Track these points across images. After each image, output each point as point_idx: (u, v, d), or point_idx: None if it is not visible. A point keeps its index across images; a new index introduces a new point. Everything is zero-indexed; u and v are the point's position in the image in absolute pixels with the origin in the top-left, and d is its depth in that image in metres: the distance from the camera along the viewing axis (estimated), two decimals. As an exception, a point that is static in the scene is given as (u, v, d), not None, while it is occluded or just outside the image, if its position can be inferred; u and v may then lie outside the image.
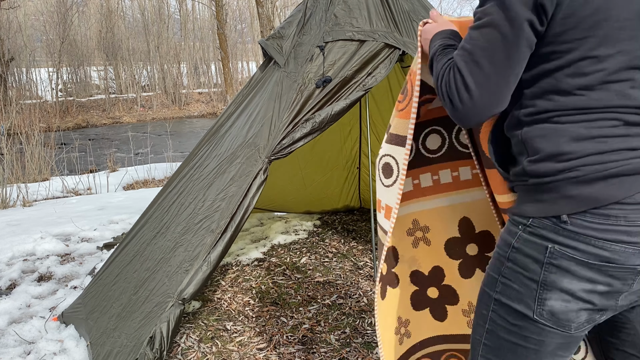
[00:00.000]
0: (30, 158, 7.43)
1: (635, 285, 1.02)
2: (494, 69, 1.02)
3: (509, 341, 1.11)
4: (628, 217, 0.97)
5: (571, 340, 1.08)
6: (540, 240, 1.04)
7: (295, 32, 2.70)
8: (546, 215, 1.03)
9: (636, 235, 0.97)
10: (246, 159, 2.42)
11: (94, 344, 2.35)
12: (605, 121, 0.99)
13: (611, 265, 0.99)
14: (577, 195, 1.00)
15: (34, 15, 19.90)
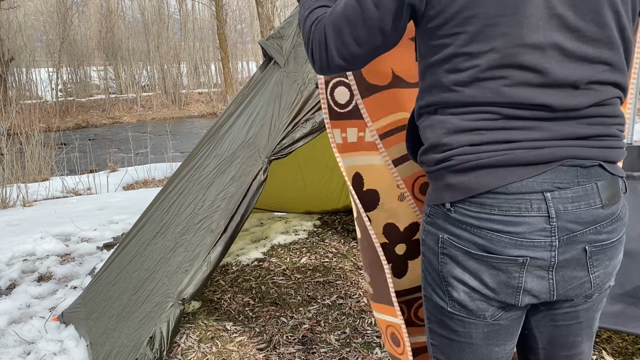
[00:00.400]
0: (30, 158, 7.43)
1: (530, 282, 1.00)
2: (357, 42, 1.06)
3: (444, 336, 1.12)
4: (502, 207, 0.98)
5: (498, 328, 1.07)
6: (435, 230, 1.06)
7: (295, 32, 2.70)
8: (435, 202, 1.06)
9: (511, 225, 0.97)
10: (246, 159, 2.42)
11: (93, 344, 2.35)
12: (483, 114, 0.99)
13: (491, 256, 0.99)
14: (454, 183, 1.01)
15: (33, 15, 19.90)
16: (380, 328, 1.57)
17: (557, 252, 0.99)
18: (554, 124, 0.98)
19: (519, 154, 0.97)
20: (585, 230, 1.00)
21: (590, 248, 1.01)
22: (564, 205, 0.98)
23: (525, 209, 0.97)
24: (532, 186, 0.97)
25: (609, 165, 1.02)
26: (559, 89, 0.97)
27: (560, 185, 0.98)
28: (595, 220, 1.00)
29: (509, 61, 0.96)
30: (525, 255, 0.98)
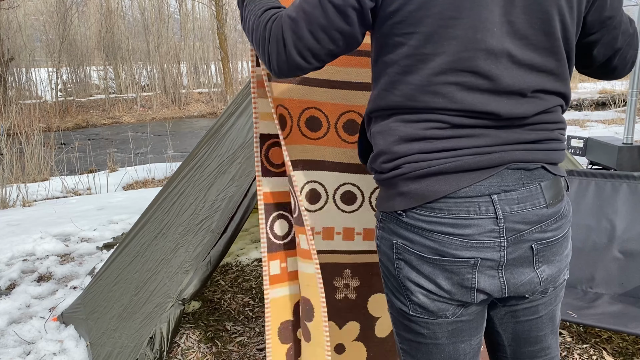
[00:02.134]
0: (30, 158, 7.43)
1: (482, 281, 1.03)
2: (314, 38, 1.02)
3: (411, 340, 1.13)
4: (451, 210, 0.99)
5: (462, 325, 1.09)
6: (388, 235, 1.07)
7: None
8: (388, 210, 1.06)
9: (462, 227, 0.99)
10: (246, 159, 2.42)
11: (94, 345, 2.34)
12: (432, 122, 1.00)
13: (444, 259, 1.01)
14: (407, 191, 1.02)
15: (33, 15, 19.89)
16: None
17: (506, 252, 1.01)
18: (500, 131, 1.00)
19: (467, 160, 0.99)
20: (532, 229, 1.02)
21: (536, 246, 1.04)
22: (510, 206, 1.00)
23: (474, 212, 0.99)
24: (479, 190, 0.99)
25: (551, 166, 1.05)
26: (507, 97, 0.99)
27: (506, 187, 1.00)
28: (540, 219, 1.03)
29: (462, 65, 0.96)
30: (476, 257, 1.01)
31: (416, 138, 1.01)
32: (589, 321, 1.91)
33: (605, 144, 4.12)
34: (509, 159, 1.00)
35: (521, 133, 1.02)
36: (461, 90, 0.97)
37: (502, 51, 0.96)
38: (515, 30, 0.97)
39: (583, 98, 15.67)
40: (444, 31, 0.95)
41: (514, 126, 1.01)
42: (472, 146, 1.00)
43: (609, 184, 2.31)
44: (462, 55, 0.96)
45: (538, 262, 1.06)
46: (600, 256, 2.21)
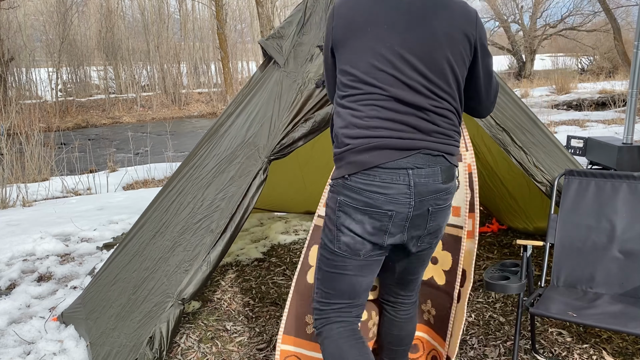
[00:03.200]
0: (30, 158, 7.42)
1: (391, 228, 1.53)
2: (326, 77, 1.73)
3: (327, 271, 1.64)
4: (381, 177, 1.49)
5: (366, 264, 1.61)
6: (335, 195, 1.57)
7: (295, 32, 2.70)
8: (338, 176, 1.55)
9: (386, 189, 1.49)
10: (246, 159, 2.42)
11: (93, 344, 2.34)
12: (369, 107, 1.50)
13: (372, 210, 1.51)
14: (353, 161, 1.51)
15: (33, 15, 19.88)
16: None
17: (413, 209, 1.52)
18: (416, 130, 1.51)
19: (395, 142, 1.49)
20: (430, 197, 1.54)
21: (432, 209, 1.56)
22: (419, 178, 1.51)
23: (396, 179, 1.49)
24: (400, 164, 1.49)
25: (449, 156, 1.56)
26: (414, 113, 1.51)
27: (418, 165, 1.51)
28: (437, 190, 1.54)
29: (379, 93, 1.51)
30: (393, 210, 1.51)
31: (361, 127, 1.51)
32: (589, 321, 1.91)
33: (605, 144, 4.12)
34: (421, 147, 1.51)
35: (430, 132, 1.52)
36: (381, 106, 1.56)
37: (409, 78, 1.53)
38: (414, 68, 1.51)
39: (583, 98, 15.66)
40: (355, 57, 1.56)
41: (423, 130, 1.53)
42: (398, 136, 1.50)
43: (609, 184, 2.30)
44: (378, 83, 1.54)
45: (430, 220, 1.58)
46: (600, 256, 2.21)
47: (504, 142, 2.49)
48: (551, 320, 2.53)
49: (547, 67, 25.30)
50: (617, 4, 20.86)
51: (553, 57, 26.13)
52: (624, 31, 20.44)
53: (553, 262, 2.30)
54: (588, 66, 24.28)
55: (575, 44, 24.25)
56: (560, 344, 2.35)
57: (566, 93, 17.08)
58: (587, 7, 24.02)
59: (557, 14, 63.98)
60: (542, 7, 24.88)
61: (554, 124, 10.71)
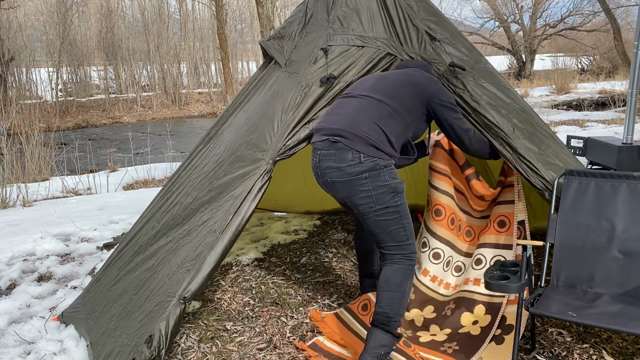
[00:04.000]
0: (30, 158, 7.43)
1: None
2: None
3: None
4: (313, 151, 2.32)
5: None
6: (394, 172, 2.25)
7: (296, 33, 2.70)
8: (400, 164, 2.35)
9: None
10: (248, 160, 2.42)
11: (94, 344, 2.34)
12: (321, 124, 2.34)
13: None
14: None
15: (34, 15, 19.88)
16: None
17: (320, 178, 2.24)
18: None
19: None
20: (326, 171, 2.20)
21: (330, 180, 2.20)
22: (322, 157, 2.20)
23: (313, 156, 2.25)
24: (317, 144, 2.24)
25: (346, 140, 2.16)
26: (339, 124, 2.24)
27: (322, 147, 2.21)
28: (329, 167, 2.18)
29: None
30: (315, 176, 2.29)
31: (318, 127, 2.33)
32: (589, 321, 1.91)
33: (605, 144, 4.12)
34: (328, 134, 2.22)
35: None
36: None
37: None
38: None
39: (583, 98, 15.66)
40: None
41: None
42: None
43: (609, 184, 2.31)
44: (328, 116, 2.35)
45: (334, 189, 2.22)
46: (600, 256, 2.21)
47: (500, 146, 2.47)
48: (551, 320, 2.53)
49: (547, 67, 25.28)
50: (617, 4, 20.86)
51: (553, 57, 26.10)
52: (624, 31, 20.44)
53: (553, 262, 2.30)
54: (588, 66, 24.28)
55: (575, 44, 24.24)
56: (560, 344, 2.35)
57: (566, 93, 17.08)
58: (587, 7, 24.01)
59: (557, 14, 64.05)
60: (542, 7, 24.88)
61: (553, 124, 10.72)
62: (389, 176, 2.15)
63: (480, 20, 32.71)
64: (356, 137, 2.14)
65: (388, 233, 2.18)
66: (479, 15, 43.57)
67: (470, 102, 2.50)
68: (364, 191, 2.13)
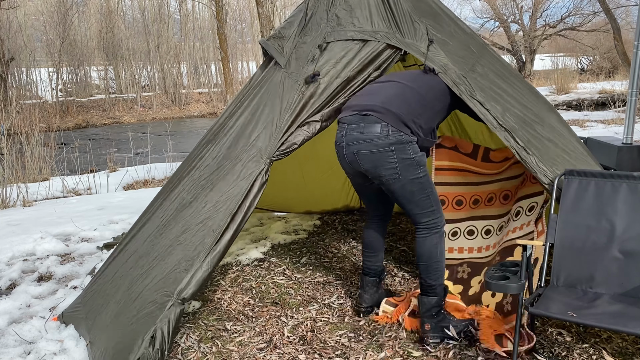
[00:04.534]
0: (30, 158, 7.43)
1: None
2: None
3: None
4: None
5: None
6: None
7: (296, 33, 2.70)
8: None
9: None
10: (248, 161, 2.42)
11: (93, 343, 2.35)
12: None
13: (335, 149, 2.47)
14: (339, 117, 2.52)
15: (34, 15, 19.88)
16: None
17: (345, 150, 2.37)
18: None
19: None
20: (353, 143, 2.34)
21: (356, 152, 2.33)
22: (350, 130, 2.35)
23: (340, 130, 2.41)
24: (344, 119, 2.40)
25: (379, 114, 2.31)
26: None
27: (350, 121, 2.37)
28: (358, 139, 2.33)
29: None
30: (338, 150, 2.43)
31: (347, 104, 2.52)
32: (589, 321, 1.91)
33: (605, 144, 4.11)
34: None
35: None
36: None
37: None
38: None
39: (583, 98, 15.66)
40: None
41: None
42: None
43: (609, 184, 2.30)
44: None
45: (359, 160, 2.34)
46: (600, 256, 2.21)
47: (507, 139, 2.47)
48: (551, 320, 2.53)
49: (547, 67, 25.27)
50: (617, 4, 20.85)
51: (553, 57, 26.10)
52: (624, 31, 20.43)
53: (553, 262, 2.30)
54: (588, 66, 24.28)
55: (575, 44, 24.24)
56: (560, 344, 2.35)
57: (566, 93, 17.07)
58: (587, 7, 24.00)
59: (557, 14, 64.00)
60: (541, 7, 24.88)
61: (554, 124, 10.70)
62: (413, 150, 2.31)
63: (480, 20, 32.68)
64: (387, 111, 2.30)
65: (414, 202, 2.37)
66: (479, 15, 43.56)
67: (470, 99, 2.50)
68: (390, 163, 2.29)
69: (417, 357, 2.30)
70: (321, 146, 4.10)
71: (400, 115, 2.30)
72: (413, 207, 2.38)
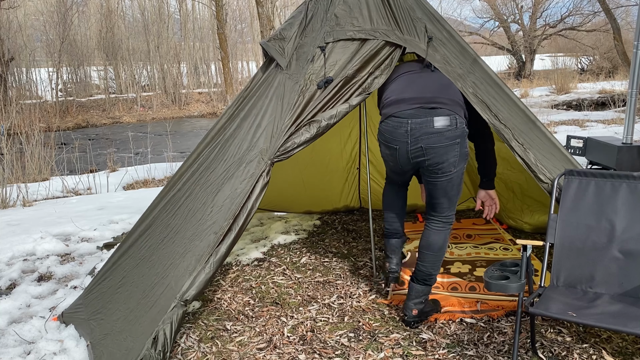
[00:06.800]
0: (30, 158, 7.43)
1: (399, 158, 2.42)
2: None
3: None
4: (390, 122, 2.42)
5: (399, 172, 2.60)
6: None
7: (296, 34, 2.70)
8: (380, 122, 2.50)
9: (394, 132, 2.39)
10: (250, 162, 2.42)
11: (95, 345, 2.34)
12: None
13: (386, 144, 2.42)
14: (383, 113, 2.48)
15: (34, 15, 19.88)
16: None
17: (410, 146, 2.33)
18: None
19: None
20: (422, 137, 2.30)
21: (424, 146, 2.30)
22: (417, 125, 2.31)
23: (400, 126, 2.36)
24: (404, 114, 2.36)
25: (445, 107, 2.34)
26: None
27: (414, 115, 2.33)
28: (428, 132, 2.30)
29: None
30: (397, 145, 2.39)
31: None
32: (589, 321, 1.91)
33: (604, 143, 4.12)
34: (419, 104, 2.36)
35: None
36: None
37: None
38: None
39: (583, 98, 15.65)
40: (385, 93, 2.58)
41: None
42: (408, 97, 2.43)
43: (608, 184, 2.31)
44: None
45: (427, 154, 2.30)
46: (600, 256, 2.21)
47: (507, 138, 2.50)
48: (551, 320, 2.53)
49: (547, 67, 25.28)
50: (617, 4, 20.85)
51: (553, 57, 26.10)
52: (624, 31, 20.43)
53: (553, 262, 2.30)
54: (588, 66, 24.28)
55: (575, 44, 24.24)
56: (560, 344, 2.35)
57: (566, 93, 17.08)
58: (586, 7, 24.02)
59: (557, 14, 63.92)
60: (541, 7, 24.88)
61: (553, 124, 10.71)
62: (467, 143, 2.35)
63: (480, 20, 32.73)
64: (453, 102, 2.31)
65: (448, 195, 2.39)
66: (478, 15, 43.55)
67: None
68: (453, 156, 2.29)
69: (417, 357, 2.30)
70: (320, 150, 4.11)
71: (461, 103, 2.34)
72: (445, 200, 2.41)
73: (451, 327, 2.53)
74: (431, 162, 2.31)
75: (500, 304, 2.69)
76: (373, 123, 4.15)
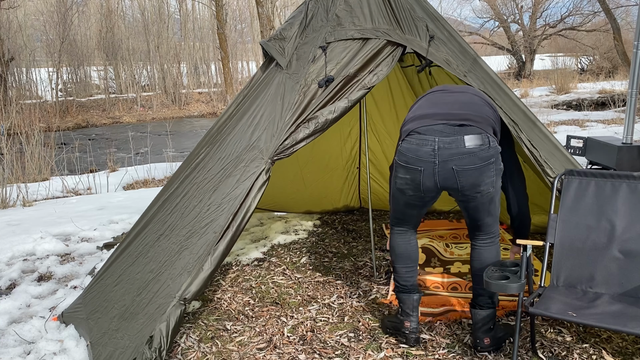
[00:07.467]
0: (30, 158, 7.42)
1: (425, 180, 2.14)
2: None
3: (393, 199, 2.38)
4: (414, 141, 2.16)
5: (414, 201, 2.29)
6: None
7: (297, 34, 2.70)
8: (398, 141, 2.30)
9: (418, 151, 2.14)
10: (250, 161, 2.42)
11: (94, 344, 2.34)
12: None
13: (408, 166, 2.15)
14: (403, 130, 2.25)
15: (34, 15, 19.87)
16: None
17: (438, 167, 2.10)
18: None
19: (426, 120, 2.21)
20: (453, 159, 2.08)
21: (455, 168, 2.08)
22: (443, 144, 2.09)
23: (425, 143, 2.12)
24: (429, 131, 2.14)
25: (474, 126, 2.14)
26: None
27: (441, 133, 2.11)
28: (459, 153, 2.07)
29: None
30: (421, 167, 2.13)
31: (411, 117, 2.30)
32: (589, 321, 1.91)
33: (604, 143, 4.11)
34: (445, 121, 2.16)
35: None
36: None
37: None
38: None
39: (583, 98, 15.65)
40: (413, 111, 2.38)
41: None
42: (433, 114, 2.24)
43: (608, 184, 2.31)
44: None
45: (459, 178, 2.09)
46: (600, 256, 2.21)
47: (517, 130, 2.50)
48: (551, 320, 2.53)
49: (547, 67, 25.27)
50: (617, 4, 20.85)
51: (553, 57, 26.10)
52: (624, 31, 20.43)
53: (553, 262, 2.30)
54: (588, 66, 24.28)
55: (575, 44, 24.24)
56: (560, 344, 2.35)
57: (566, 93, 17.08)
58: (586, 7, 24.02)
59: (557, 14, 63.89)
60: (541, 7, 24.88)
61: (553, 124, 10.71)
62: (500, 159, 2.16)
63: (480, 20, 32.71)
64: (484, 119, 2.13)
65: (491, 214, 2.22)
66: (478, 15, 43.52)
67: None
68: (489, 176, 2.10)
69: (417, 357, 2.30)
70: (320, 150, 4.10)
71: (492, 123, 2.16)
72: (490, 218, 2.23)
73: (451, 327, 2.53)
74: (464, 185, 2.09)
75: (500, 304, 2.67)
76: (373, 122, 4.14)
